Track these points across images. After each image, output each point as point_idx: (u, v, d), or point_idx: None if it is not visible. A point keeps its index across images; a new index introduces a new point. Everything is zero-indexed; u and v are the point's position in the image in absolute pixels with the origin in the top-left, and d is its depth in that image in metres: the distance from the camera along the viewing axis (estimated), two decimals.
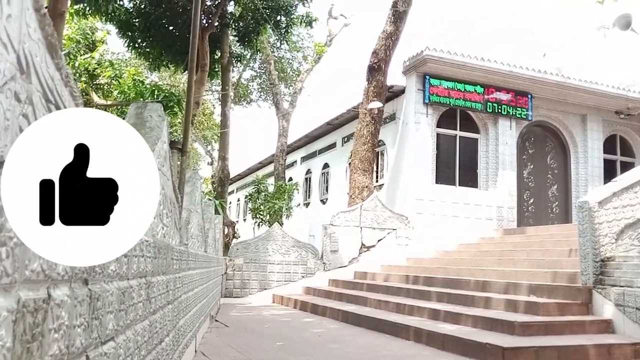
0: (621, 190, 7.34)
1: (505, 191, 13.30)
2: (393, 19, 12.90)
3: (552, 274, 7.74)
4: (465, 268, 9.53)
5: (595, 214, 7.00)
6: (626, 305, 6.05)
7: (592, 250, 6.85)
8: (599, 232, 6.94)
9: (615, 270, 6.57)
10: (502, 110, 13.46)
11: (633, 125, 15.01)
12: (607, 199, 7.18)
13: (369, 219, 12.16)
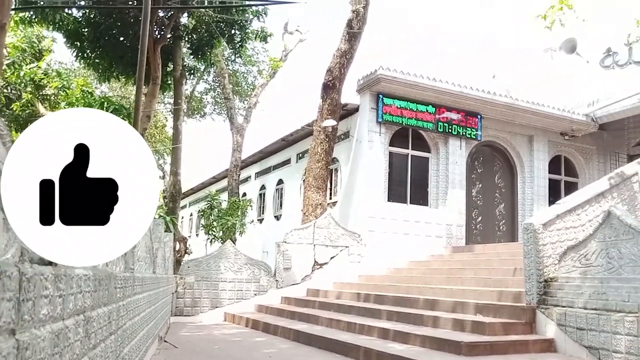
0: (564, 212, 7.65)
1: (455, 209, 13.60)
2: (347, 38, 13.07)
3: (498, 293, 7.94)
4: (415, 286, 9.66)
5: (539, 235, 7.23)
6: (567, 325, 6.26)
7: (536, 271, 7.08)
8: (543, 253, 7.17)
9: (558, 291, 6.80)
10: (452, 130, 13.80)
11: (577, 147, 15.69)
12: (551, 221, 7.45)
13: (322, 236, 12.17)
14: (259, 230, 18.18)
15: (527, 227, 7.33)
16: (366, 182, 12.97)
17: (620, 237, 6.08)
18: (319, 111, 13.28)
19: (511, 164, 14.98)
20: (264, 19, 14.87)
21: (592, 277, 6.37)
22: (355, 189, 13.31)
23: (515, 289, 7.85)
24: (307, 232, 12.14)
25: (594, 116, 14.80)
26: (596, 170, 15.87)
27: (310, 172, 13.07)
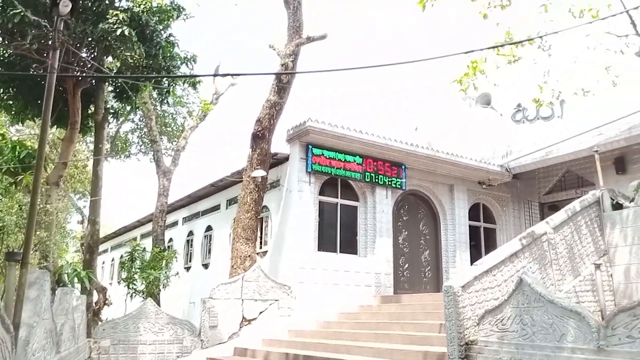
0: (481, 274, 7.99)
1: (383, 258, 13.88)
2: (277, 89, 13.24)
3: (423, 355, 8.12)
4: (343, 344, 9.68)
5: (459, 298, 7.50)
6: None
7: (457, 334, 7.31)
8: (463, 316, 7.43)
9: (478, 355, 7.06)
10: (379, 180, 14.19)
11: (494, 195, 16.58)
12: (469, 282, 7.76)
13: (250, 290, 11.99)
14: (186, 279, 17.65)
15: (447, 290, 7.59)
16: (296, 232, 13.00)
17: (532, 305, 6.44)
18: (249, 161, 13.26)
19: (434, 211, 15.57)
20: (192, 66, 14.78)
21: (508, 342, 6.67)
22: (285, 239, 13.29)
23: (439, 348, 8.05)
24: (235, 287, 11.92)
25: (508, 166, 15.75)
26: (512, 216, 16.82)
27: (239, 223, 12.93)
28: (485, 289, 7.91)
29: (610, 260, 9.71)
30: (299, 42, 13.12)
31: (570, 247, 9.26)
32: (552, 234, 8.97)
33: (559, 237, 9.09)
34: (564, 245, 9.14)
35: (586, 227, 9.64)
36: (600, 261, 5.83)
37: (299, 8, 13.29)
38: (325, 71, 14.17)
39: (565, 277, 8.93)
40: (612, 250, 9.74)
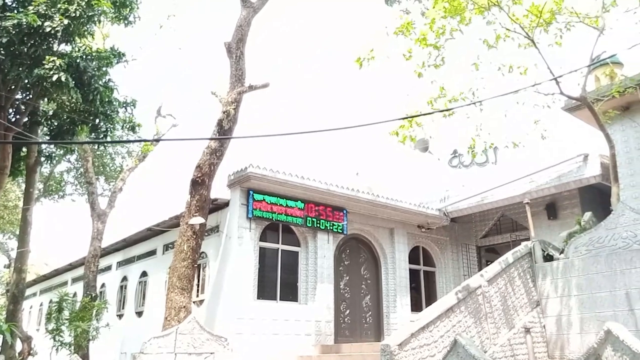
0: (418, 330, 8.00)
1: (324, 304, 13.72)
2: (218, 136, 13.07)
3: None
4: None
5: (396, 357, 7.46)
6: None
7: None
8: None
9: None
10: (320, 225, 14.15)
11: (433, 238, 16.89)
12: (406, 340, 7.74)
13: (185, 343, 11.45)
14: (118, 328, 16.78)
15: (383, 349, 7.54)
16: (235, 280, 12.67)
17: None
18: (187, 207, 12.90)
19: (375, 255, 15.65)
20: (132, 110, 14.45)
21: None
22: (223, 287, 12.93)
23: None
24: (168, 340, 11.35)
25: (446, 211, 16.13)
26: (450, 259, 17.14)
27: (174, 272, 12.46)
28: (422, 345, 7.91)
29: (542, 310, 9.99)
30: (241, 90, 13.09)
31: (505, 299, 9.47)
32: (486, 287, 9.14)
33: (494, 290, 9.28)
34: (499, 298, 9.34)
35: (519, 279, 9.91)
36: (530, 325, 5.95)
37: (241, 57, 13.31)
38: (261, 136, 14.12)
39: (500, 330, 9.08)
40: (544, 300, 10.03)
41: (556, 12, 10.76)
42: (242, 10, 14.09)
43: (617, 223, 9.43)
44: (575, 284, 9.64)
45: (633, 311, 8.87)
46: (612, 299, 9.15)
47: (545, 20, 10.52)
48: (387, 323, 14.97)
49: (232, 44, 13.47)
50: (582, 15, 11.05)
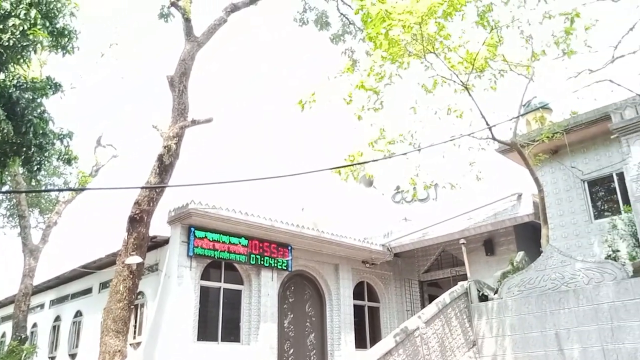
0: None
1: (267, 344, 13.50)
2: (158, 171, 12.77)
3: None
4: None
5: None
6: None
7: None
8: None
9: None
10: (264, 262, 14.02)
11: (377, 273, 17.05)
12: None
13: None
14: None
15: None
16: (174, 321, 12.30)
17: None
18: (124, 245, 12.46)
19: (320, 292, 15.62)
20: (68, 142, 13.94)
21: None
22: (162, 328, 12.50)
23: None
24: None
25: (389, 246, 16.38)
26: (394, 294, 17.32)
27: (109, 314, 11.95)
28: None
29: (479, 350, 10.22)
30: (184, 125, 12.93)
31: (442, 340, 9.63)
32: (424, 329, 9.28)
33: (431, 331, 9.43)
34: (436, 339, 9.49)
35: (456, 319, 10.12)
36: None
37: (184, 91, 13.18)
38: (200, 184, 14.03)
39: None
40: (480, 340, 10.28)
41: (489, 59, 11.31)
42: (186, 44, 14.01)
43: (546, 265, 9.85)
44: (509, 324, 9.95)
45: (562, 351, 9.22)
46: (543, 339, 9.48)
47: (479, 67, 11.03)
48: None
49: (175, 78, 13.32)
50: (512, 64, 11.66)
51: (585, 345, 9.08)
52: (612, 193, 12.58)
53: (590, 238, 12.34)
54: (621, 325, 8.82)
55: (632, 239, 10.42)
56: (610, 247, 11.00)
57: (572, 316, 9.32)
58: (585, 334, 9.12)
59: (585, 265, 9.51)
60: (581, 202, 12.75)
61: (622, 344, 8.75)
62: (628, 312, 8.81)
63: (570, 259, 9.73)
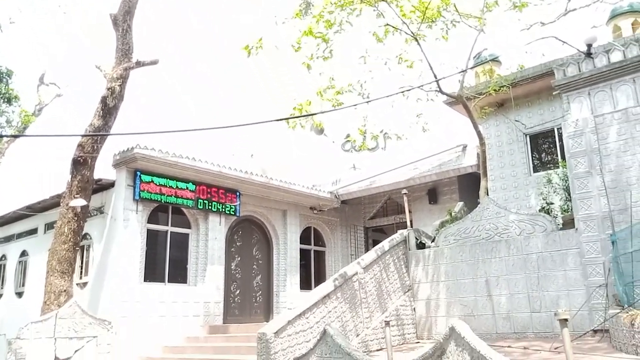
0: (295, 317, 8.33)
1: (214, 285, 13.77)
2: (102, 114, 12.40)
3: None
4: None
5: (272, 344, 7.74)
6: None
7: None
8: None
9: None
10: (212, 207, 14.06)
11: (324, 219, 17.41)
12: (282, 328, 8.04)
13: (65, 327, 11.05)
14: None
15: (260, 337, 7.80)
16: (120, 262, 12.32)
17: (334, 355, 6.85)
18: (68, 187, 12.23)
19: (268, 236, 15.89)
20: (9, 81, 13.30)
21: None
22: (108, 270, 12.52)
23: None
24: (47, 325, 10.90)
25: (337, 193, 16.66)
26: (339, 239, 17.82)
27: (54, 255, 11.88)
28: (298, 332, 8.26)
29: (414, 295, 10.77)
30: (128, 66, 12.47)
31: (379, 284, 10.08)
32: (362, 274, 9.67)
33: (369, 276, 9.84)
34: (374, 284, 9.92)
35: (394, 265, 10.57)
36: (387, 317, 6.43)
37: (128, 31, 12.62)
38: (145, 133, 13.52)
39: (373, 314, 9.69)
40: (415, 285, 10.82)
41: (442, 8, 11.29)
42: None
43: (481, 216, 10.32)
44: (444, 270, 10.49)
45: (491, 297, 9.84)
46: (474, 285, 10.07)
47: (431, 16, 11.01)
48: (276, 302, 15.36)
49: (119, 16, 12.71)
50: (465, 15, 11.69)
51: (513, 292, 9.72)
52: (552, 148, 13.09)
53: (528, 190, 12.91)
54: (547, 274, 9.45)
55: (565, 193, 10.96)
56: (545, 199, 11.57)
57: (503, 265, 9.89)
58: (513, 281, 9.74)
59: (519, 217, 10.02)
60: (522, 156, 13.23)
61: (546, 291, 9.40)
62: (554, 262, 9.42)
63: (504, 211, 10.21)
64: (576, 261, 9.09)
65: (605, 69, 9.29)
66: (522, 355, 7.45)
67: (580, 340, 8.21)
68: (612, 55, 9.31)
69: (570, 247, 9.20)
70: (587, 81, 9.50)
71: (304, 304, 8.50)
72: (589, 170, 9.16)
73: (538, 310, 9.34)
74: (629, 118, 8.96)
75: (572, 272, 9.10)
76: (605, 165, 9.00)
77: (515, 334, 9.49)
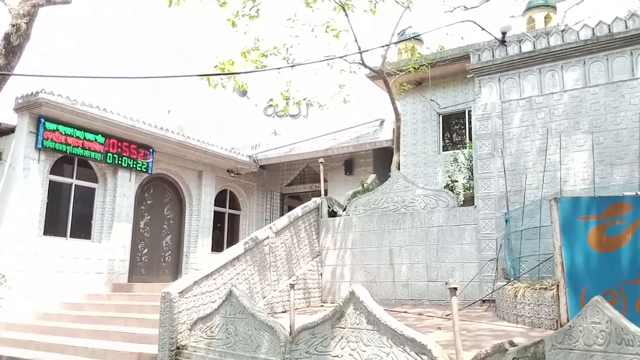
0: (202, 278, 8.30)
1: (119, 243, 13.35)
2: (4, 52, 11.38)
3: (137, 356, 8.12)
4: (57, 343, 9.12)
5: (175, 304, 7.69)
6: None
7: (169, 340, 7.50)
8: (178, 321, 7.64)
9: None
10: (122, 162, 13.51)
11: (241, 183, 17.30)
12: (188, 288, 8.00)
13: None
14: None
15: (164, 296, 7.71)
16: (18, 214, 11.59)
17: (238, 316, 6.94)
18: None
19: (181, 196, 15.57)
20: None
21: (214, 349, 7.09)
22: (4, 220, 11.73)
23: (156, 349, 8.13)
24: None
25: (256, 158, 16.59)
26: (255, 203, 17.83)
27: None
28: (204, 292, 8.26)
29: (322, 261, 11.08)
30: (37, 3, 11.48)
31: (290, 249, 10.25)
32: (273, 239, 9.78)
33: (280, 241, 9.97)
34: (284, 248, 10.08)
35: (305, 231, 10.77)
36: (293, 281, 6.60)
37: None
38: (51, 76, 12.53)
39: (281, 277, 9.87)
40: (324, 252, 11.12)
41: None
42: None
43: (391, 188, 10.72)
44: (352, 238, 10.85)
45: (393, 265, 10.33)
46: (378, 254, 10.52)
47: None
48: (186, 262, 15.20)
49: None
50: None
51: (413, 261, 10.26)
52: (463, 129, 13.75)
53: (436, 167, 13.54)
54: (445, 246, 10.04)
55: (468, 172, 11.62)
56: (450, 177, 12.22)
57: (406, 236, 10.39)
58: (415, 252, 10.27)
59: (424, 192, 10.52)
60: (434, 134, 13.81)
61: (443, 262, 10.01)
62: (453, 236, 10.02)
63: (412, 185, 10.67)
64: (472, 236, 9.74)
65: (516, 58, 9.84)
66: (416, 320, 7.94)
67: (469, 308, 8.87)
68: (523, 45, 9.85)
69: (468, 223, 9.83)
70: (498, 67, 10.01)
71: (212, 265, 8.49)
72: (492, 152, 9.76)
73: (435, 280, 9.95)
74: (532, 106, 9.59)
75: (468, 246, 9.75)
76: (507, 149, 9.63)
77: (412, 300, 10.07)
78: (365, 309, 5.47)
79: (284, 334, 6.31)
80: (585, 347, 3.69)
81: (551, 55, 9.51)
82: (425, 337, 4.93)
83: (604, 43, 9.06)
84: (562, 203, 5.72)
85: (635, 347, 3.43)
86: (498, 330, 6.97)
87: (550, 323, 6.77)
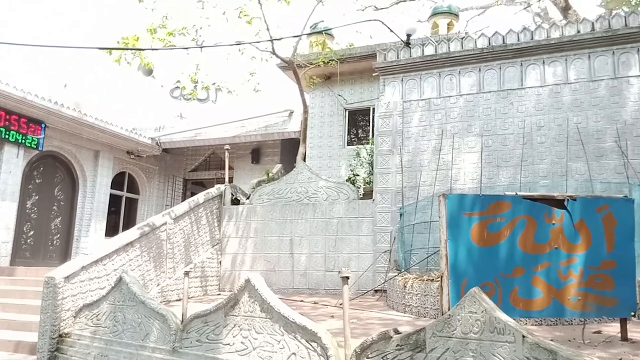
0: (90, 263, 7.91)
1: (2, 224, 12.35)
2: None
3: (15, 344, 7.61)
4: None
5: (60, 289, 7.27)
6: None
7: (50, 327, 7.09)
8: (62, 307, 7.23)
9: (70, 348, 6.99)
10: (9, 136, 12.49)
11: (141, 166, 16.62)
12: (75, 273, 7.59)
13: None
14: None
15: (47, 281, 7.27)
16: None
17: (127, 303, 6.70)
18: None
19: (74, 177, 14.68)
20: None
21: (100, 337, 6.80)
22: None
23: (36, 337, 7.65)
24: None
25: (159, 141, 16.01)
26: (156, 188, 17.23)
27: None
28: (93, 278, 7.88)
29: (222, 249, 10.96)
30: None
31: (188, 237, 10.04)
32: (172, 225, 9.52)
33: (178, 228, 9.73)
34: (182, 235, 9.85)
35: (206, 219, 10.59)
36: (189, 269, 6.47)
37: None
38: None
39: (178, 265, 9.64)
40: (225, 240, 11.01)
41: None
42: None
43: (295, 179, 10.83)
44: (254, 227, 10.83)
45: (292, 255, 10.46)
46: (279, 243, 10.60)
47: None
48: (76, 247, 14.39)
49: None
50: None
51: (312, 251, 10.45)
52: (367, 125, 14.17)
53: (340, 161, 13.85)
54: (344, 237, 10.32)
55: (369, 166, 12.00)
56: (352, 171, 12.54)
57: (307, 226, 10.55)
58: (314, 242, 10.46)
59: (327, 184, 10.72)
60: (340, 129, 14.10)
61: (340, 253, 10.29)
62: (351, 227, 10.31)
63: (316, 177, 10.84)
64: (369, 228, 10.09)
65: (419, 60, 10.28)
66: (311, 309, 8.12)
67: (362, 298, 9.21)
68: (426, 48, 10.32)
69: (366, 215, 10.17)
70: (402, 68, 10.42)
71: (103, 250, 8.11)
72: (392, 149, 10.15)
73: (332, 270, 10.21)
74: (431, 107, 10.09)
75: (365, 237, 10.10)
76: (405, 147, 10.07)
77: (309, 289, 10.26)
78: (260, 297, 5.50)
79: (175, 322, 6.18)
80: (462, 335, 3.96)
81: (451, 60, 10.05)
82: (316, 325, 5.05)
83: (498, 52, 9.72)
84: (450, 199, 6.07)
85: (505, 335, 3.74)
86: (387, 319, 7.30)
87: (435, 313, 7.20)
